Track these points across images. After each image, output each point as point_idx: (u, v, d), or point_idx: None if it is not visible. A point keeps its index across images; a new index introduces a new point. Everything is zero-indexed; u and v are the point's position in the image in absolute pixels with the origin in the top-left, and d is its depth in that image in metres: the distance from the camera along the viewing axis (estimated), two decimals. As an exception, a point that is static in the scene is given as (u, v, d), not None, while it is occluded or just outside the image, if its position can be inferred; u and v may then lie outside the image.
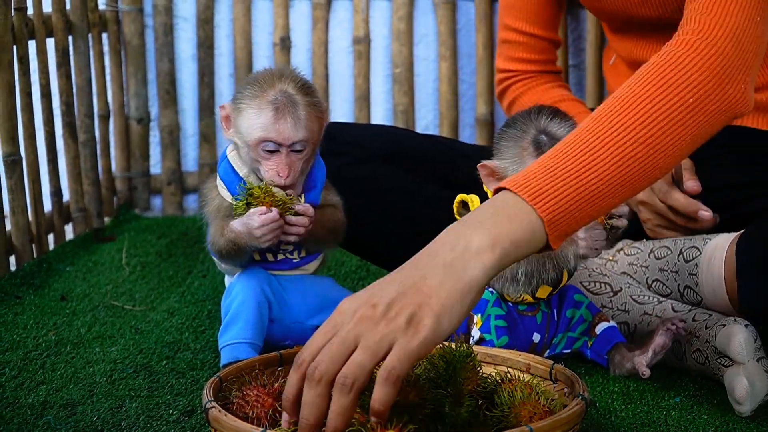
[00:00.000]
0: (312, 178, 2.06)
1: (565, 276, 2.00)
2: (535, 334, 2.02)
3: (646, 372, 1.94)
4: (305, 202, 2.03)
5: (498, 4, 3.34)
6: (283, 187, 1.98)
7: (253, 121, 1.95)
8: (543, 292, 2.00)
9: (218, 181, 2.04)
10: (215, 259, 2.09)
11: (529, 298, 2.01)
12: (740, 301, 2.01)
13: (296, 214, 1.97)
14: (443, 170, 2.33)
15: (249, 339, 1.97)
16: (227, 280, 2.12)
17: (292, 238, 1.99)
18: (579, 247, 1.92)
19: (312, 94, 1.98)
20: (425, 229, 2.09)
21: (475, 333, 1.97)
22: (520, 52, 2.55)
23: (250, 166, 2.00)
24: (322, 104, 2.00)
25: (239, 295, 2.01)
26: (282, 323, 2.06)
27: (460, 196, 1.99)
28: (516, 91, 2.52)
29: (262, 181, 1.99)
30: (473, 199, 1.96)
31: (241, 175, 2.01)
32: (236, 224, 1.96)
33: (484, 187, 1.97)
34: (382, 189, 2.22)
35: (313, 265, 2.13)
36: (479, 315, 1.98)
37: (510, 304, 2.00)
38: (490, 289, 1.99)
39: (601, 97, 3.30)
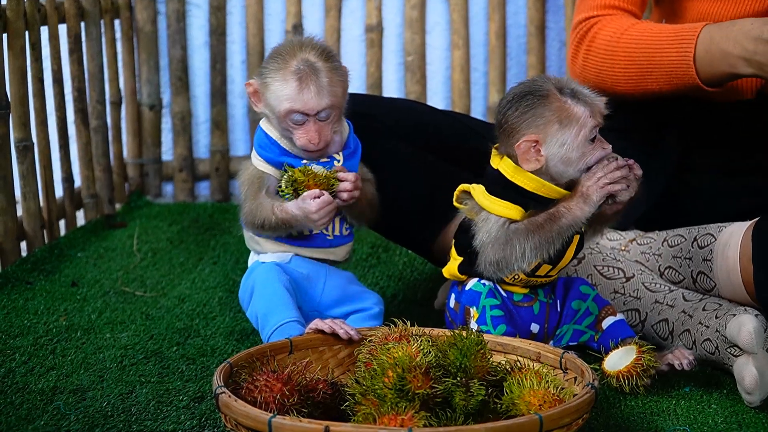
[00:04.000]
0: (349, 142, 2.10)
1: (571, 252, 1.97)
2: (533, 324, 2.00)
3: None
4: (345, 167, 2.07)
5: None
6: (317, 153, 2.03)
7: (279, 94, 2.01)
8: (543, 270, 1.97)
9: (253, 152, 2.08)
10: (246, 233, 2.11)
11: (522, 290, 1.99)
12: (755, 285, 2.01)
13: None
14: (457, 147, 2.31)
15: (295, 318, 1.98)
16: (251, 257, 2.14)
17: (345, 195, 2.02)
18: (597, 187, 1.88)
19: (333, 59, 2.04)
20: (441, 205, 2.09)
21: (473, 326, 1.95)
22: None
23: (281, 135, 2.05)
24: (343, 68, 2.05)
25: (265, 283, 2.02)
26: (300, 310, 2.05)
27: (462, 186, 1.99)
28: (596, 27, 2.32)
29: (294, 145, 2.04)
30: (475, 188, 1.96)
31: (273, 138, 2.05)
32: (291, 207, 1.99)
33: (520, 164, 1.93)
34: (399, 164, 2.21)
35: (342, 251, 2.13)
36: (474, 307, 1.97)
37: (504, 294, 1.99)
38: (482, 282, 1.98)
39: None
